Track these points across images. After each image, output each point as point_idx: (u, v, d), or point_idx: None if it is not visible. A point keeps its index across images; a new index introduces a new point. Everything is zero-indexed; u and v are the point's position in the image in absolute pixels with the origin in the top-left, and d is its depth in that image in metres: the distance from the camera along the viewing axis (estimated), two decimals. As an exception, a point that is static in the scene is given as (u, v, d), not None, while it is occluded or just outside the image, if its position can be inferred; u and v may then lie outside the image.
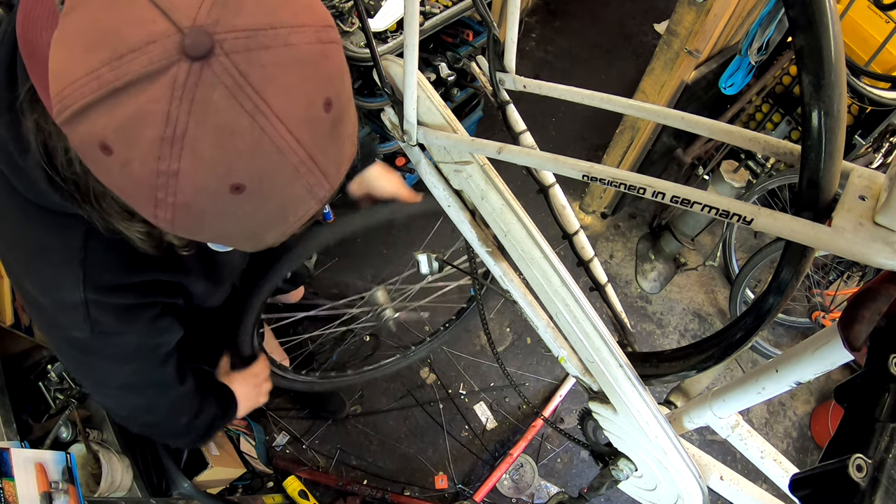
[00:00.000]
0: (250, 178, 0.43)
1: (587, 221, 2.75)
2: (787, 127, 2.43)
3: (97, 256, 0.66)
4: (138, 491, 1.25)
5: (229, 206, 0.44)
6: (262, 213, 0.47)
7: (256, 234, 0.51)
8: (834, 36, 0.47)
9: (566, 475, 2.12)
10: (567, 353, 0.93)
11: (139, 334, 0.76)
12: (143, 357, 0.80)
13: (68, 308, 0.68)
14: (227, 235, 0.50)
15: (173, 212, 0.44)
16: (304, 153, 0.44)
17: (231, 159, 0.41)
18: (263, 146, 0.41)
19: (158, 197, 0.42)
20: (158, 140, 0.39)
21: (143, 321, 0.75)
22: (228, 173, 0.42)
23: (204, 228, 0.47)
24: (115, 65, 0.38)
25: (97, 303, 0.68)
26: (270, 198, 0.45)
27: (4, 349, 1.28)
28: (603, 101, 0.84)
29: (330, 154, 0.47)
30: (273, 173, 0.43)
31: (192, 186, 0.42)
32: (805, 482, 0.48)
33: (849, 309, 0.58)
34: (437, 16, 1.84)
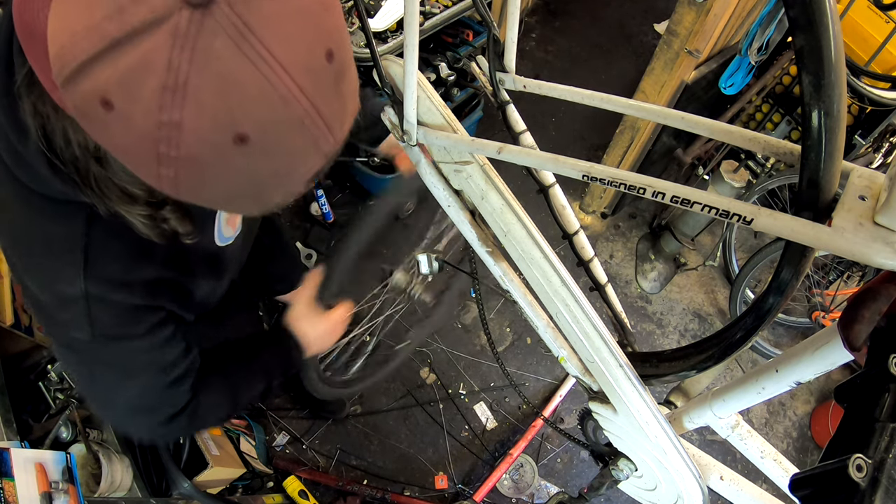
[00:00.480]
0: (254, 128, 0.42)
1: (587, 221, 2.75)
2: (787, 127, 2.43)
3: (100, 245, 0.65)
4: (138, 491, 1.25)
5: (233, 159, 0.43)
6: (268, 168, 0.45)
7: (262, 193, 0.50)
8: (834, 36, 0.47)
9: (566, 475, 2.12)
10: (567, 353, 0.93)
11: (143, 344, 0.73)
12: (151, 374, 0.77)
13: (68, 302, 0.66)
14: (232, 195, 0.49)
15: (176, 168, 0.43)
16: (307, 103, 0.43)
17: (234, 107, 0.41)
18: (267, 94, 0.41)
19: (161, 151, 0.41)
20: (160, 89, 0.39)
21: (146, 326, 0.72)
22: (232, 122, 0.41)
23: (208, 186, 0.46)
24: (115, 17, 0.38)
25: (98, 298, 0.66)
26: (275, 150, 0.44)
27: (4, 349, 1.28)
28: (603, 101, 0.84)
29: (334, 107, 0.46)
30: (277, 123, 0.43)
31: (195, 137, 0.41)
32: (805, 482, 0.48)
33: (849, 309, 0.58)
34: (437, 16, 1.84)
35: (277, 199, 0.52)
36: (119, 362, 0.74)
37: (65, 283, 0.65)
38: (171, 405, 0.81)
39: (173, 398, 0.81)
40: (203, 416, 0.86)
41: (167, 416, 0.81)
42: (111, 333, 0.70)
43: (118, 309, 0.69)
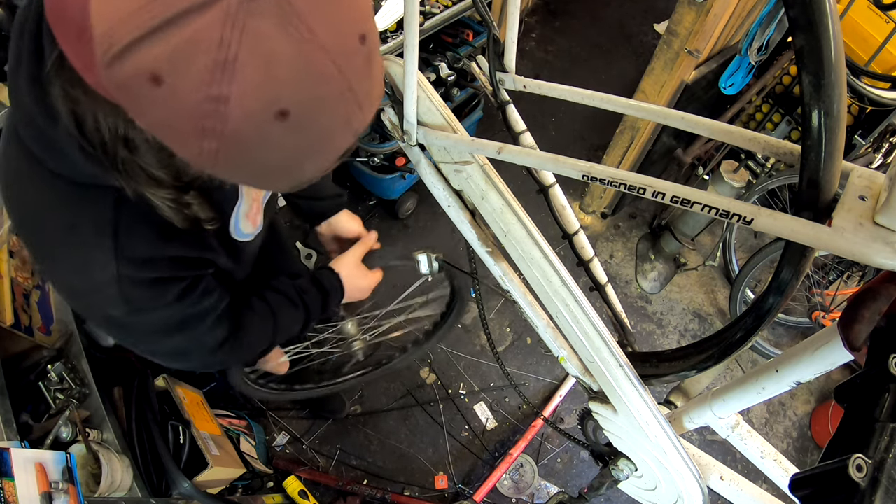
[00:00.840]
0: (296, 104, 0.44)
1: (587, 221, 2.75)
2: (787, 127, 2.43)
3: (129, 227, 0.67)
4: (138, 491, 1.25)
5: (274, 134, 0.45)
6: (304, 143, 0.48)
7: (296, 168, 0.52)
8: (834, 36, 0.47)
9: (566, 475, 2.12)
10: (567, 353, 0.93)
11: (176, 309, 0.77)
12: (190, 327, 0.82)
13: (102, 286, 0.68)
14: (267, 169, 0.51)
15: (219, 142, 0.45)
16: (344, 82, 0.46)
17: (278, 84, 0.43)
18: (309, 72, 0.44)
19: (206, 126, 0.43)
20: (211, 65, 0.41)
21: (174, 295, 0.76)
22: (276, 98, 0.43)
23: (247, 160, 0.48)
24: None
25: (130, 278, 0.69)
26: (312, 126, 0.47)
27: (4, 349, 1.28)
28: (603, 101, 0.84)
29: (364, 87, 0.49)
30: (316, 100, 0.45)
31: (241, 111, 0.43)
32: (805, 482, 0.48)
33: (849, 309, 0.58)
34: (437, 16, 1.84)
35: (309, 175, 0.54)
36: (157, 326, 0.79)
37: (97, 267, 0.67)
38: (212, 342, 0.87)
39: (213, 337, 0.87)
40: (246, 345, 0.94)
41: (211, 350, 0.88)
42: (146, 306, 0.74)
43: (149, 284, 0.72)
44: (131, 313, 0.72)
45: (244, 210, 0.87)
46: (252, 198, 0.88)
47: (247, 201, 0.86)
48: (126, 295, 0.70)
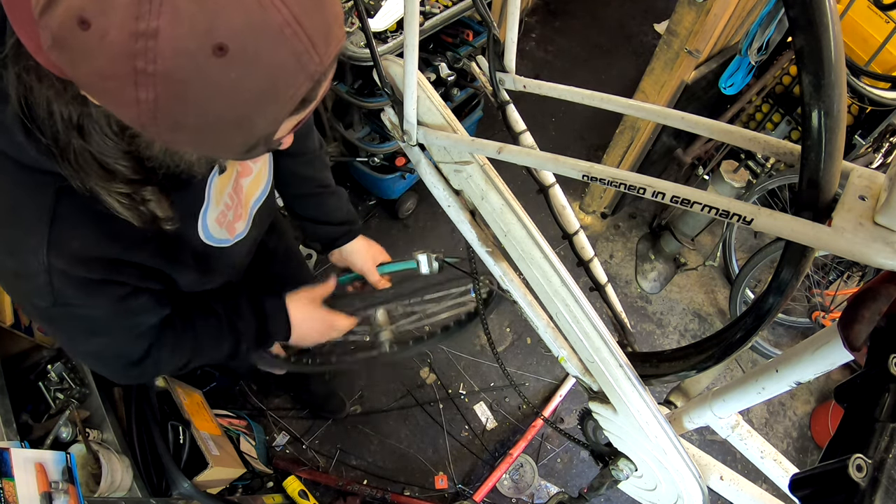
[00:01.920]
0: (233, 37, 0.41)
1: (587, 221, 2.75)
2: (787, 127, 2.43)
3: (67, 220, 0.64)
4: (138, 491, 1.25)
5: (214, 73, 0.42)
6: (250, 83, 0.44)
7: (244, 119, 0.47)
8: (834, 36, 0.47)
9: (566, 475, 2.12)
10: (567, 353, 0.93)
11: (107, 311, 0.73)
12: (114, 333, 0.78)
13: (31, 274, 0.65)
14: (214, 121, 0.46)
15: (155, 87, 0.42)
16: (287, 12, 0.42)
17: (211, 13, 0.40)
18: (244, 0, 0.41)
19: (138, 67, 0.41)
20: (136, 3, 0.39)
21: (109, 298, 0.72)
22: (210, 30, 0.40)
23: (189, 110, 0.44)
24: None
25: (61, 272, 0.65)
26: (256, 63, 0.43)
27: (4, 349, 1.28)
28: (603, 101, 0.84)
29: (315, 20, 0.45)
30: (255, 30, 0.42)
31: (173, 47, 0.40)
32: (805, 482, 0.48)
33: (849, 309, 0.58)
34: (437, 16, 1.84)
35: (263, 127, 0.50)
36: (81, 323, 0.75)
37: (28, 253, 0.64)
38: (134, 355, 0.83)
39: (135, 349, 0.83)
40: (164, 362, 0.88)
41: (129, 363, 0.84)
42: (73, 303, 0.69)
43: (81, 282, 0.68)
44: (56, 306, 0.68)
45: (213, 215, 0.83)
46: (225, 202, 0.85)
47: (216, 205, 0.83)
48: (54, 288, 0.66)
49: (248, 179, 0.92)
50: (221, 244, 0.87)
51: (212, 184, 0.80)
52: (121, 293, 0.73)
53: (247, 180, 0.91)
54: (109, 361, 0.86)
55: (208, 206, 0.81)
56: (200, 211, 0.81)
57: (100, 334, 0.78)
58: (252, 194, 0.94)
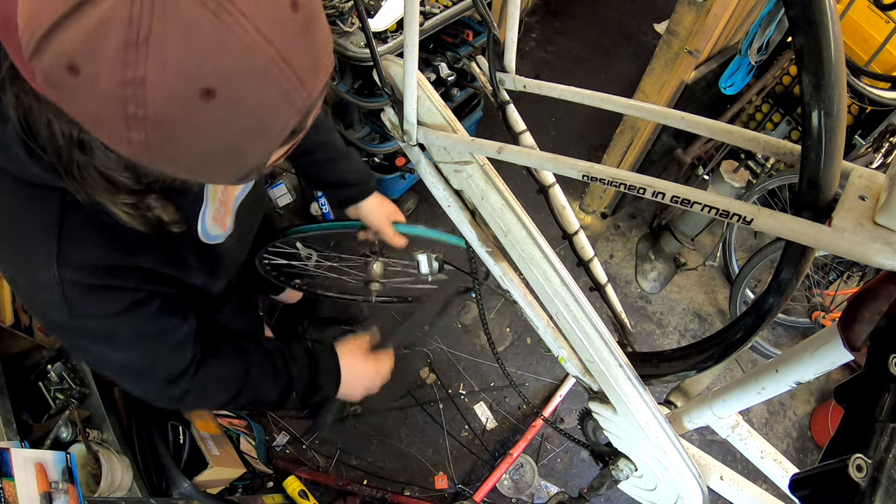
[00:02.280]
0: (220, 80, 0.42)
1: (587, 221, 2.75)
2: (787, 127, 2.43)
3: (74, 232, 0.65)
4: (138, 491, 1.25)
5: (202, 115, 0.43)
6: (239, 123, 0.45)
7: (237, 153, 0.48)
8: (834, 36, 0.47)
9: (566, 475, 2.12)
10: (567, 353, 0.93)
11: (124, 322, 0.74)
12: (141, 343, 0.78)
13: (43, 288, 0.66)
14: (206, 156, 0.47)
15: (146, 129, 0.43)
16: (273, 52, 0.43)
17: (198, 59, 0.41)
18: (230, 44, 0.41)
19: (129, 112, 0.41)
20: (123, 45, 0.39)
21: (123, 306, 0.72)
22: (197, 75, 0.41)
23: (180, 148, 0.45)
24: None
25: (73, 283, 0.66)
26: (244, 103, 0.44)
27: (4, 349, 1.28)
28: (603, 101, 0.84)
29: (303, 56, 0.45)
30: (242, 73, 0.42)
31: (162, 93, 0.41)
32: (805, 482, 0.48)
33: (849, 309, 0.58)
34: (437, 16, 1.84)
35: (254, 160, 0.51)
36: (103, 336, 0.75)
37: (39, 268, 0.65)
38: (171, 369, 0.82)
39: (173, 363, 0.82)
40: (205, 387, 0.86)
41: (167, 380, 0.82)
42: (90, 313, 0.70)
43: (94, 291, 0.69)
44: (73, 318, 0.69)
45: (210, 213, 0.84)
46: (218, 200, 0.86)
47: (212, 204, 0.84)
48: (68, 299, 0.67)
49: None
50: (216, 240, 0.88)
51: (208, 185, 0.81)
52: (135, 298, 0.73)
53: None
54: (144, 378, 0.83)
55: (206, 206, 0.82)
56: (200, 211, 0.82)
57: (124, 346, 0.77)
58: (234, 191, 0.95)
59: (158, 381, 0.83)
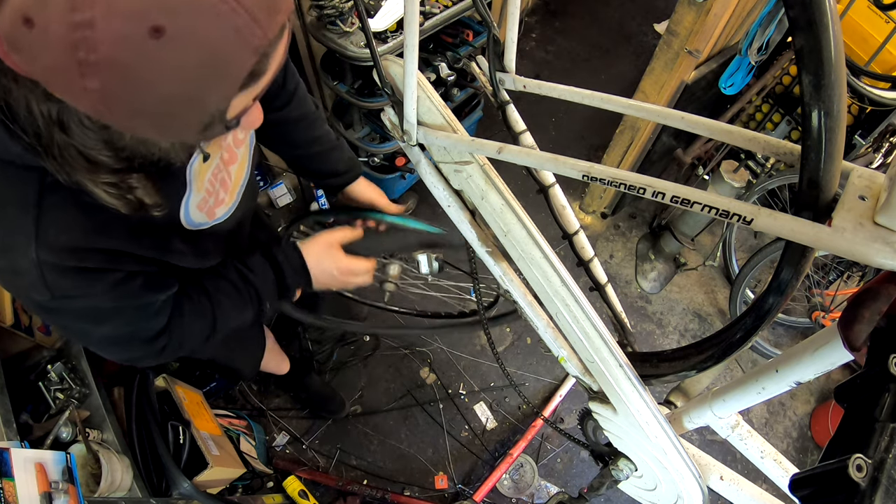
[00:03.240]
0: (168, 17, 0.42)
1: (587, 221, 2.75)
2: (787, 127, 2.43)
3: (53, 214, 0.65)
4: (138, 491, 1.25)
5: (154, 55, 0.43)
6: (191, 61, 0.45)
7: (194, 97, 0.48)
8: (834, 36, 0.47)
9: (566, 475, 2.12)
10: (567, 353, 0.93)
11: (107, 298, 0.74)
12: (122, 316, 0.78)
13: (23, 270, 0.66)
14: (164, 102, 0.47)
15: (99, 76, 0.43)
16: None
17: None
18: None
19: (80, 58, 0.42)
20: None
21: (104, 286, 0.72)
22: (144, 13, 0.42)
23: (138, 93, 0.45)
24: None
25: (53, 266, 0.66)
26: (195, 41, 0.44)
27: (4, 349, 1.28)
28: (603, 101, 0.84)
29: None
30: (191, 10, 0.43)
31: (110, 35, 0.42)
32: (805, 482, 0.48)
33: (849, 309, 0.58)
34: (437, 16, 1.84)
35: (214, 103, 0.51)
36: (86, 314, 0.75)
37: (18, 252, 0.65)
38: (149, 331, 0.84)
39: (150, 326, 0.83)
40: (183, 337, 0.88)
41: (146, 340, 0.84)
42: (71, 294, 0.70)
43: (74, 273, 0.69)
44: (54, 299, 0.69)
45: (195, 201, 0.84)
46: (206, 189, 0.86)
47: (197, 192, 0.84)
48: (48, 281, 0.67)
49: (235, 167, 0.93)
50: (200, 227, 0.88)
51: (191, 171, 0.81)
52: (116, 278, 0.74)
53: (234, 167, 0.93)
54: (126, 344, 0.85)
55: (190, 193, 0.82)
56: (183, 197, 0.81)
57: (106, 320, 0.78)
58: (239, 179, 0.96)
59: (140, 343, 0.85)
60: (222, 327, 0.93)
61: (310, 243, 1.01)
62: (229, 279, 0.94)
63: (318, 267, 1.00)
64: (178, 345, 0.89)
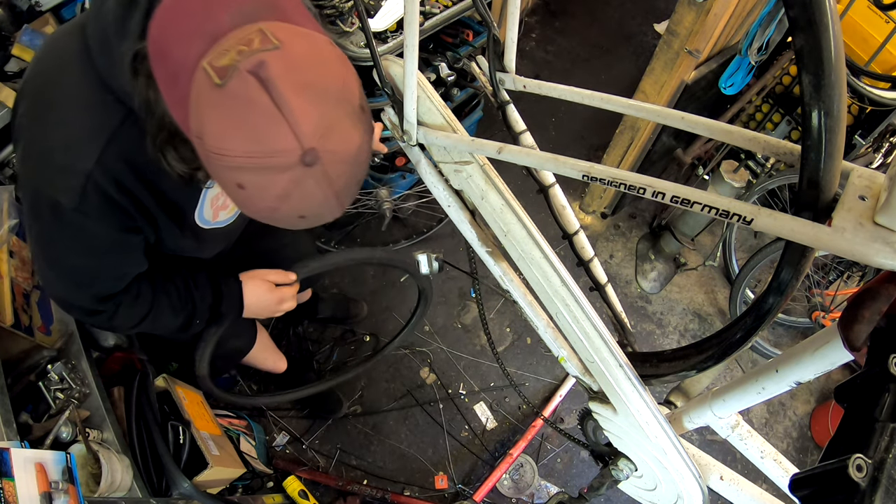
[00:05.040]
0: (309, 214, 0.67)
1: (587, 221, 2.75)
2: (787, 127, 2.43)
3: (121, 146, 0.75)
4: (138, 491, 1.24)
5: (288, 219, 0.67)
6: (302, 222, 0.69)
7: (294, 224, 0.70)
8: (834, 36, 0.47)
9: (566, 475, 2.12)
10: (567, 353, 0.93)
11: (111, 236, 0.84)
12: (103, 260, 0.88)
13: (73, 171, 0.74)
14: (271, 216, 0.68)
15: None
16: (339, 204, 0.68)
17: (306, 209, 0.66)
18: (324, 206, 0.67)
19: (263, 212, 0.67)
20: (277, 197, 0.62)
21: (118, 226, 0.83)
22: (300, 212, 0.66)
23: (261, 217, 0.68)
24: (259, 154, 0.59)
25: (96, 185, 0.76)
26: (312, 217, 0.69)
27: (4, 349, 1.28)
28: (603, 101, 0.84)
29: (347, 198, 0.69)
30: (319, 215, 0.69)
31: (283, 214, 0.66)
32: (805, 482, 0.48)
33: (849, 309, 0.58)
34: (437, 16, 1.84)
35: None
36: (82, 238, 0.83)
37: (81, 156, 0.74)
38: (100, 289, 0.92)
39: (105, 287, 0.92)
40: (122, 315, 0.97)
41: (99, 298, 0.93)
42: (92, 214, 0.79)
43: (107, 200, 0.78)
44: (76, 211, 0.77)
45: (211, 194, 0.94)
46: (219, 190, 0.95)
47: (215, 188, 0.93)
48: (86, 193, 0.76)
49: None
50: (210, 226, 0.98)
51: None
52: (129, 225, 0.85)
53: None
54: (77, 287, 0.92)
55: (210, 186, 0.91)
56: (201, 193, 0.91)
57: (92, 255, 0.86)
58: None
59: (90, 295, 0.92)
60: (151, 322, 1.02)
61: (248, 279, 1.14)
62: (175, 284, 1.04)
63: (253, 299, 1.14)
64: (110, 318, 0.97)
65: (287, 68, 0.56)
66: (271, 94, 0.55)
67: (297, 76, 0.57)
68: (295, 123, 0.57)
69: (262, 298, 1.16)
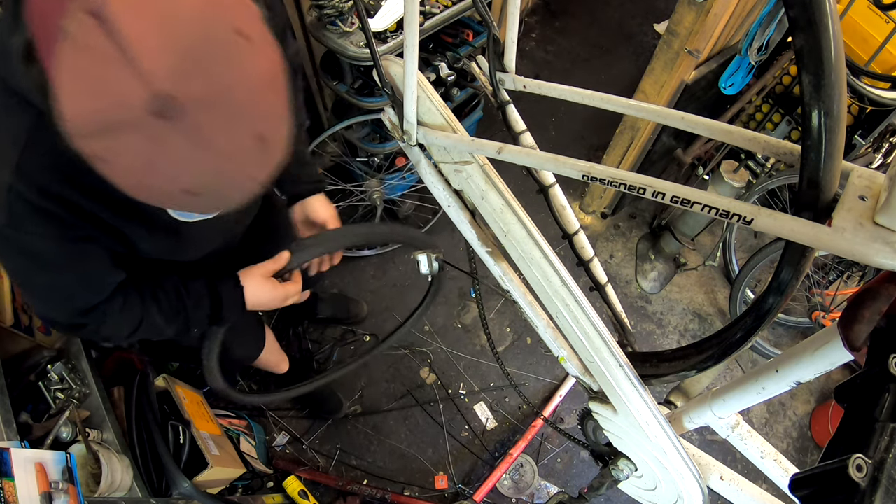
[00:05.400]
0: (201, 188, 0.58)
1: (587, 221, 2.75)
2: (787, 127, 2.43)
3: (37, 150, 0.68)
4: (138, 491, 1.25)
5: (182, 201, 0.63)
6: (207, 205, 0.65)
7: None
8: (834, 36, 0.47)
9: (566, 475, 2.12)
10: (567, 353, 0.93)
11: (58, 247, 0.77)
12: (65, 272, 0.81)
13: None
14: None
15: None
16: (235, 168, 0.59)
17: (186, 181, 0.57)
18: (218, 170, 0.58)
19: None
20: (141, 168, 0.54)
21: (63, 237, 0.76)
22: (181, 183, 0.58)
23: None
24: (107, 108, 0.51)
25: (19, 194, 0.69)
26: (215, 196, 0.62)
27: (4, 349, 1.28)
28: (603, 101, 0.84)
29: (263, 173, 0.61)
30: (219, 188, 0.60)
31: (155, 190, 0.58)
32: (805, 482, 0.48)
33: (849, 309, 0.58)
34: (437, 16, 1.84)
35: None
36: (33, 253, 0.77)
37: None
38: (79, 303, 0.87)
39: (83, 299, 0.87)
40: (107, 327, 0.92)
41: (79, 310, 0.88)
42: (27, 228, 0.73)
43: (37, 211, 0.72)
44: (9, 227, 0.72)
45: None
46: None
47: None
48: (11, 207, 0.70)
49: None
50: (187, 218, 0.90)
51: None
52: (76, 234, 0.77)
53: None
54: (55, 303, 0.87)
55: None
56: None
57: (50, 270, 0.80)
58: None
59: (67, 309, 0.88)
60: (146, 331, 0.97)
61: (248, 279, 1.05)
62: (166, 293, 0.98)
63: (255, 300, 1.06)
64: (97, 330, 0.92)
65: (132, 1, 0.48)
66: (110, 32, 0.47)
67: (144, 6, 0.48)
68: (137, 62, 0.47)
69: (264, 298, 1.08)
